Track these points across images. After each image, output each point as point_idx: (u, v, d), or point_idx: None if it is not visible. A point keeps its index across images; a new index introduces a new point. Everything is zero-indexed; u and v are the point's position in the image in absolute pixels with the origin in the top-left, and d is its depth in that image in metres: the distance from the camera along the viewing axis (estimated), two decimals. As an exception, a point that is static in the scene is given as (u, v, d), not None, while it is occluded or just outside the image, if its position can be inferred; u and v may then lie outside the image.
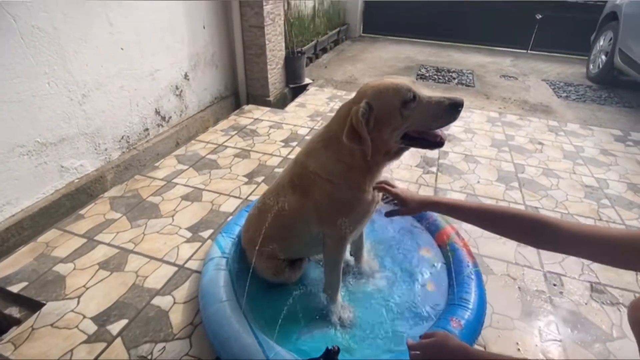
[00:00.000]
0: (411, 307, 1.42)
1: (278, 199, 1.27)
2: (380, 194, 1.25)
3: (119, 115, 2.29)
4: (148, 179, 2.27)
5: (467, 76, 4.49)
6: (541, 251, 1.80)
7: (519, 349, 1.31)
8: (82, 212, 1.96)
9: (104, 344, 1.28)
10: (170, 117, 2.75)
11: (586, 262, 1.66)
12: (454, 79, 4.38)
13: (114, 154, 2.30)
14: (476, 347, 1.30)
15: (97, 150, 2.20)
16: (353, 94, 1.13)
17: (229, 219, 1.86)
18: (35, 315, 1.38)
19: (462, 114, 3.29)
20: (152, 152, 2.51)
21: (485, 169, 2.46)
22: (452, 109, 0.99)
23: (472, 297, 1.35)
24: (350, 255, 1.60)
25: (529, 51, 5.77)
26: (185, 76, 2.84)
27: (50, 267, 1.60)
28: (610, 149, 2.83)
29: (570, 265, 1.69)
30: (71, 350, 1.26)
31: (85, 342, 1.29)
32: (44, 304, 1.42)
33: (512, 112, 3.45)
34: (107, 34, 2.13)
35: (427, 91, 1.04)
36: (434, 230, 1.74)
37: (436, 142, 1.06)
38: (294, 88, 3.88)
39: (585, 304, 1.50)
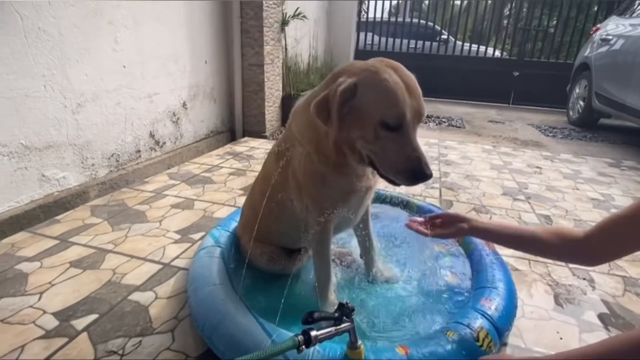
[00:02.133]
0: (436, 298, 1.24)
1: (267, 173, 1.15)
2: (375, 180, 1.09)
3: (112, 131, 2.23)
4: (135, 191, 2.12)
5: (456, 120, 4.66)
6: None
7: (560, 338, 1.13)
8: (57, 217, 1.78)
9: (64, 339, 1.05)
10: (164, 143, 2.69)
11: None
12: (444, 122, 4.54)
13: (100, 171, 2.18)
14: (512, 337, 1.11)
15: (84, 165, 2.08)
16: None
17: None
18: (-17, 312, 1.14)
19: (457, 145, 3.34)
20: (141, 175, 2.39)
21: (488, 186, 2.40)
22: (417, 174, 0.82)
23: (499, 280, 1.19)
24: (361, 257, 1.39)
25: (510, 105, 6.13)
26: (184, 105, 2.86)
27: (12, 265, 1.38)
28: (607, 172, 2.84)
29: (597, 264, 1.55)
30: (22, 347, 1.02)
31: (41, 337, 1.05)
32: (-4, 301, 1.19)
33: (505, 145, 3.52)
34: (111, 50, 2.16)
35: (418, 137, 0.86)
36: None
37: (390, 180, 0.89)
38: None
39: (622, 295, 1.36)
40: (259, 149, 3.06)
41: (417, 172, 0.81)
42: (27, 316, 1.13)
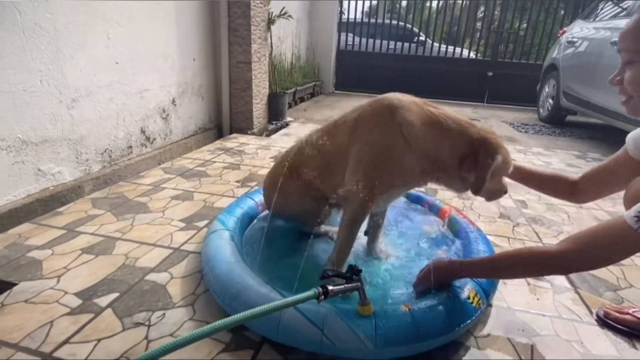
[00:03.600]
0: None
1: (328, 133, 1.24)
2: None
3: (105, 127, 2.26)
4: (133, 185, 2.17)
5: (435, 118, 4.87)
6: (537, 227, 1.86)
7: (537, 299, 1.30)
8: (60, 209, 1.81)
9: (90, 315, 1.12)
10: (154, 139, 2.73)
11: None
12: (424, 119, 4.73)
13: (94, 167, 2.21)
14: (496, 300, 1.27)
15: (78, 160, 2.11)
16: None
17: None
18: (4, 294, 1.19)
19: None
20: (133, 170, 2.42)
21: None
22: (500, 196, 1.24)
23: (483, 251, 1.36)
24: (365, 234, 1.47)
25: (485, 103, 6.45)
26: (173, 101, 2.90)
27: (23, 253, 1.42)
28: (575, 163, 3.10)
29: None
30: (51, 322, 1.08)
31: (67, 314, 1.12)
32: (15, 284, 1.24)
33: (481, 140, 3.75)
34: (104, 46, 2.19)
35: None
36: (435, 211, 1.76)
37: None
38: (276, 125, 4.02)
39: None
40: (248, 144, 3.14)
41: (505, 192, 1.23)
42: (49, 297, 1.18)
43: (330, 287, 0.91)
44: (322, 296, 0.89)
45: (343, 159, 1.18)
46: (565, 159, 3.22)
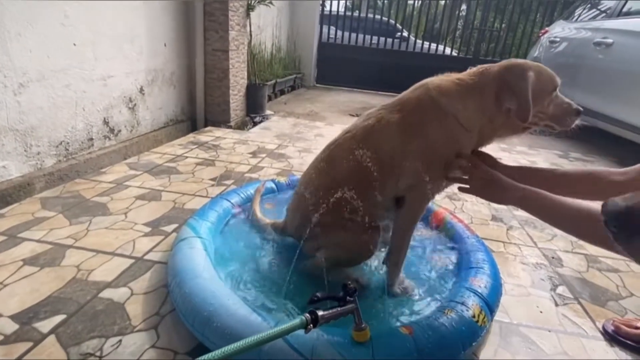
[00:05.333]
0: (427, 279, 1.26)
1: (368, 144, 1.09)
2: None
3: (60, 116, 2.00)
4: (92, 182, 1.93)
5: (418, 114, 4.79)
6: (530, 231, 1.79)
7: (540, 312, 1.20)
8: (2, 211, 1.57)
9: (28, 344, 0.92)
10: (119, 131, 2.48)
11: (573, 238, 1.66)
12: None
13: (47, 161, 1.95)
14: (498, 314, 1.16)
15: (27, 153, 1.85)
16: (317, 123, 1.07)
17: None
18: None
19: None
20: (94, 165, 2.16)
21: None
22: (577, 114, 1.07)
23: (483, 260, 1.24)
24: (384, 262, 1.24)
25: (465, 101, 6.45)
26: (141, 90, 2.65)
27: (-50, 265, 1.19)
28: (558, 163, 3.09)
29: (559, 242, 1.70)
30: (-26, 356, 0.87)
31: (0, 343, 0.91)
32: None
33: (465, 138, 3.70)
34: (60, 25, 1.93)
35: None
36: (426, 215, 1.64)
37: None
38: (255, 118, 3.81)
39: (587, 270, 1.49)
40: (225, 138, 2.93)
41: (576, 109, 1.06)
42: (-23, 322, 0.97)
43: (320, 313, 0.76)
44: (311, 325, 0.74)
45: (396, 164, 1.08)
46: (548, 158, 3.20)
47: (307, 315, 0.76)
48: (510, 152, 3.30)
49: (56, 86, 1.94)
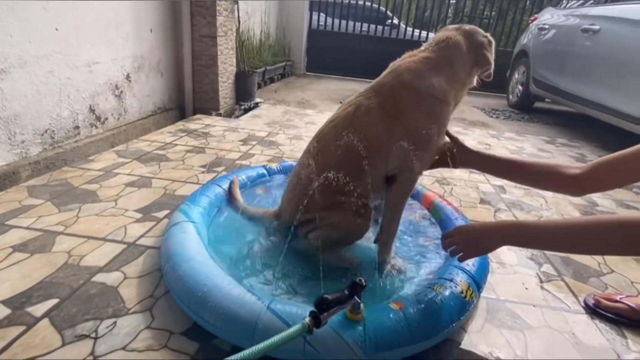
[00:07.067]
0: (413, 257, 1.29)
1: (353, 130, 1.11)
2: None
3: (45, 104, 1.95)
4: (80, 170, 1.90)
5: (408, 102, 4.81)
6: (517, 212, 1.84)
7: (526, 288, 1.25)
8: (-11, 200, 1.54)
9: (21, 327, 0.92)
10: (106, 119, 2.43)
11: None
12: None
13: (32, 149, 1.91)
14: (485, 291, 1.20)
15: (12, 141, 1.81)
16: (308, 110, 1.09)
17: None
18: None
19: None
20: (81, 154, 2.12)
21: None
22: None
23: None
24: (375, 242, 1.28)
25: (455, 89, 6.48)
26: (127, 77, 2.60)
27: (-62, 253, 1.18)
28: (546, 148, 3.15)
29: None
30: (-33, 340, 0.87)
31: (-9, 328, 0.91)
32: None
33: (455, 125, 3.72)
34: (41, 8, 1.87)
35: None
36: (416, 198, 1.66)
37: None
38: (245, 106, 3.77)
39: None
40: (214, 126, 2.90)
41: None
42: (-32, 307, 0.97)
43: (322, 314, 0.76)
44: (314, 327, 0.75)
45: (383, 145, 1.12)
46: (536, 144, 3.26)
47: (309, 319, 0.75)
48: (499, 138, 3.35)
49: (39, 73, 1.89)
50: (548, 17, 4.46)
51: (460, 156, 1.20)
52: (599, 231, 0.78)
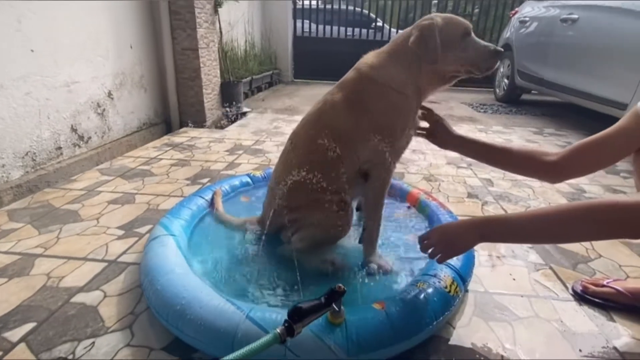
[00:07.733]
0: (399, 256, 1.28)
1: (321, 126, 1.14)
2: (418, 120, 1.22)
3: (24, 126, 1.93)
4: (62, 190, 1.88)
5: (395, 102, 4.82)
6: (504, 204, 1.83)
7: (514, 279, 1.24)
8: (-32, 226, 1.52)
9: (-4, 354, 0.90)
10: (89, 138, 2.41)
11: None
12: (385, 104, 4.67)
13: (14, 173, 1.88)
14: (472, 284, 1.18)
15: (-9, 166, 1.79)
16: (296, 117, 1.11)
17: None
18: None
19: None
20: (65, 174, 2.10)
21: (434, 158, 2.53)
22: (496, 54, 1.09)
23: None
24: (357, 210, 1.34)
25: (442, 86, 6.52)
26: (109, 94, 2.58)
27: None
28: (533, 139, 3.15)
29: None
30: (-61, 371, 0.85)
31: (-35, 357, 0.89)
32: None
33: (442, 121, 3.73)
34: (14, 30, 1.86)
35: None
36: (402, 195, 1.65)
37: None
38: (232, 116, 3.76)
39: None
40: (200, 138, 2.89)
41: (495, 49, 1.08)
42: (-58, 336, 0.94)
43: (295, 324, 0.74)
44: (288, 336, 0.73)
45: (351, 138, 1.13)
46: (524, 135, 3.27)
47: (281, 328, 0.73)
48: (487, 132, 3.36)
49: (16, 95, 1.88)
50: (529, 9, 4.51)
51: (440, 136, 1.21)
52: (569, 219, 0.78)
